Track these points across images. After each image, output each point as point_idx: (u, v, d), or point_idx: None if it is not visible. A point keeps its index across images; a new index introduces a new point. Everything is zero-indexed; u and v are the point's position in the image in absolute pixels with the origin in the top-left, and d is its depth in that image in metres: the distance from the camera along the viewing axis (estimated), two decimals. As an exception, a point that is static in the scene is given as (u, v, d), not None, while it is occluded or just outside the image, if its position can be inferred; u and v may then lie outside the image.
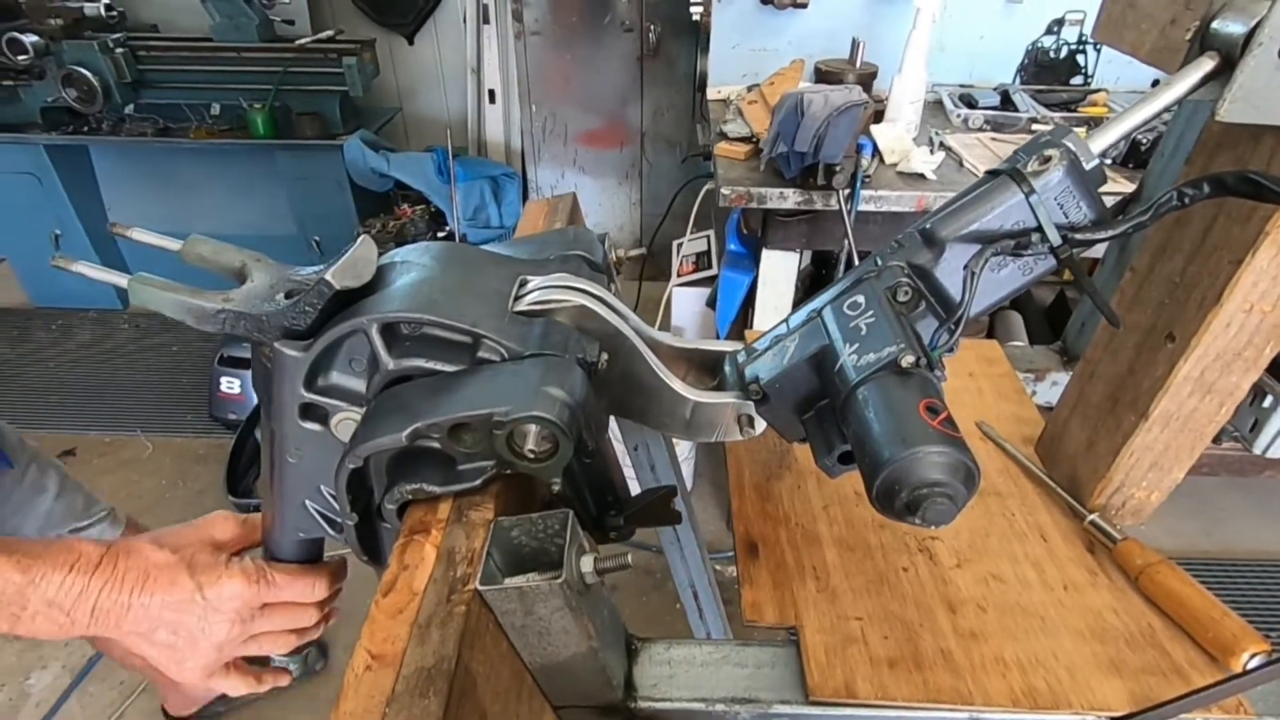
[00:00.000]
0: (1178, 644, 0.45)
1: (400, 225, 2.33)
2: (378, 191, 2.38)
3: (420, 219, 2.36)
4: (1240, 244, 0.41)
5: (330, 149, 2.27)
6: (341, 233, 2.42)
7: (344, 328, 0.39)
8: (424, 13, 2.51)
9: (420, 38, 2.58)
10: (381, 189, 2.37)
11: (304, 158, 2.32)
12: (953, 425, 0.35)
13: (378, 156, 2.27)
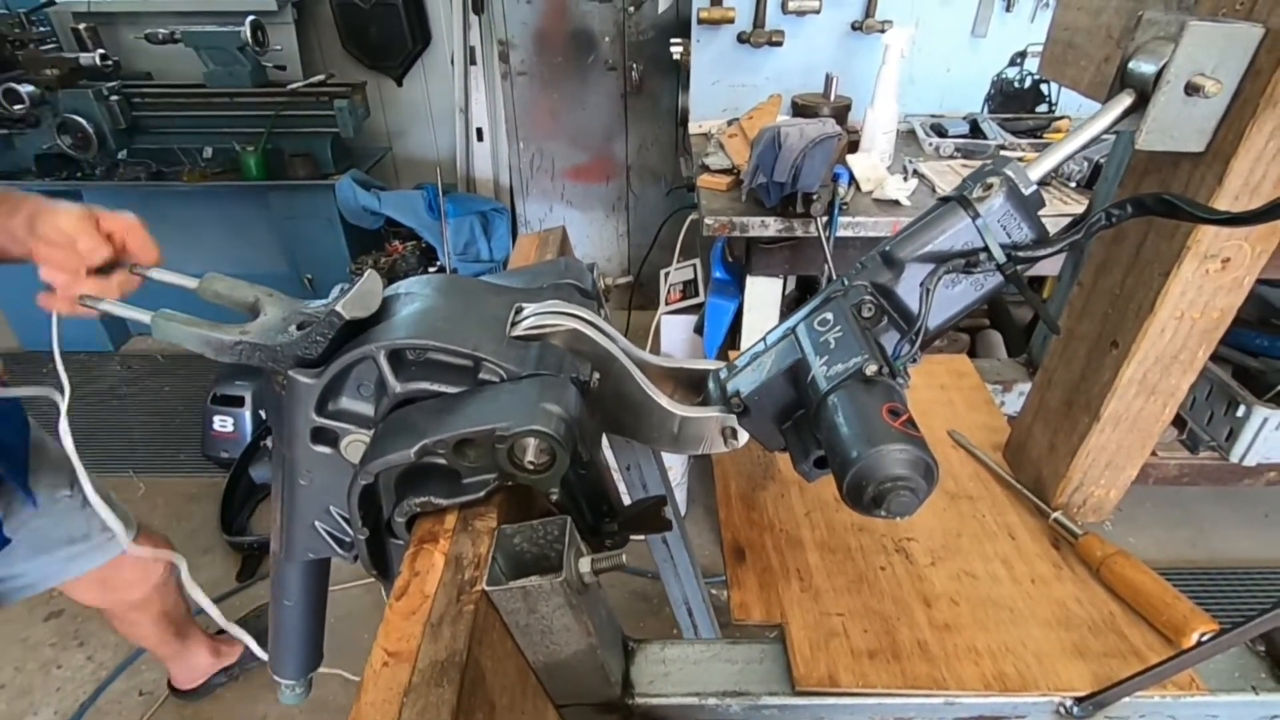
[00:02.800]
0: (1136, 628, 0.48)
1: (392, 261, 2.37)
2: (369, 229, 2.42)
3: (411, 255, 2.40)
4: (1167, 258, 0.45)
5: (322, 189, 2.32)
6: (333, 270, 2.46)
7: (354, 355, 0.43)
8: (412, 55, 2.58)
9: (409, 79, 2.65)
10: (373, 226, 2.41)
11: (296, 198, 2.36)
12: (913, 426, 0.38)
13: (369, 195, 2.32)
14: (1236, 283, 0.45)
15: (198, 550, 1.87)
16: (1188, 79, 0.40)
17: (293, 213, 2.40)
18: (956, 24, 2.02)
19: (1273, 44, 0.38)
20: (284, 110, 2.27)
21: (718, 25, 1.98)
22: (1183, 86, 0.40)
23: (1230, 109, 0.40)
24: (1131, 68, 0.42)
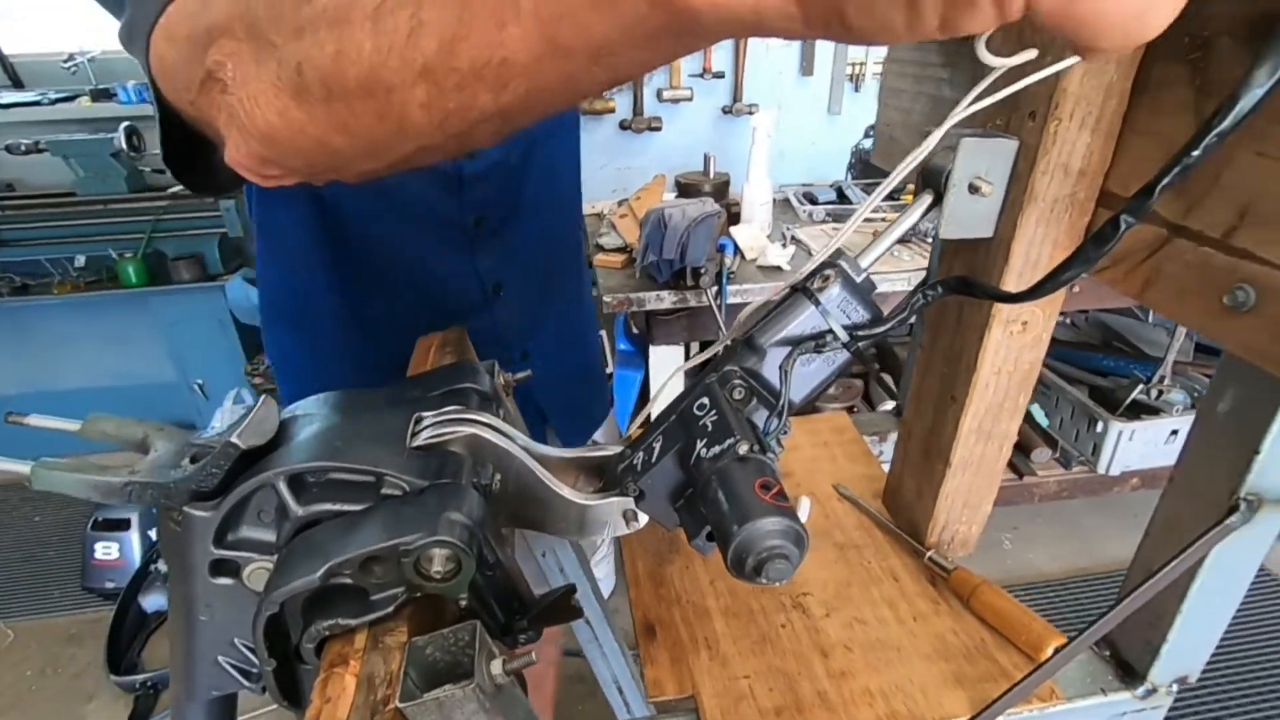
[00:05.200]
0: (1004, 652, 0.54)
1: (290, 359, 2.30)
2: (263, 328, 2.35)
3: (310, 350, 2.34)
4: (980, 323, 0.53)
5: (212, 290, 2.25)
6: (227, 373, 2.36)
7: (252, 484, 0.44)
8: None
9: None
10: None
11: (183, 302, 2.27)
12: (783, 497, 0.43)
13: (261, 294, 2.27)
14: (1037, 339, 0.54)
15: (80, 698, 1.68)
16: (968, 181, 0.48)
17: (179, 318, 2.30)
18: (814, 103, 2.24)
19: (1026, 153, 0.47)
20: (165, 214, 2.21)
21: (600, 115, 2.11)
22: (966, 187, 0.48)
23: (1005, 204, 0.49)
24: (929, 169, 0.51)
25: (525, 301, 0.87)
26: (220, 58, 0.36)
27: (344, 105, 0.33)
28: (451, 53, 0.28)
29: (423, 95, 0.30)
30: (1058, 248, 0.49)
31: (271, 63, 0.34)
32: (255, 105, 0.35)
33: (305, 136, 0.35)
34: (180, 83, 0.41)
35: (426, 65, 0.29)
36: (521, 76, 0.28)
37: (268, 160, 0.38)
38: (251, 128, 0.36)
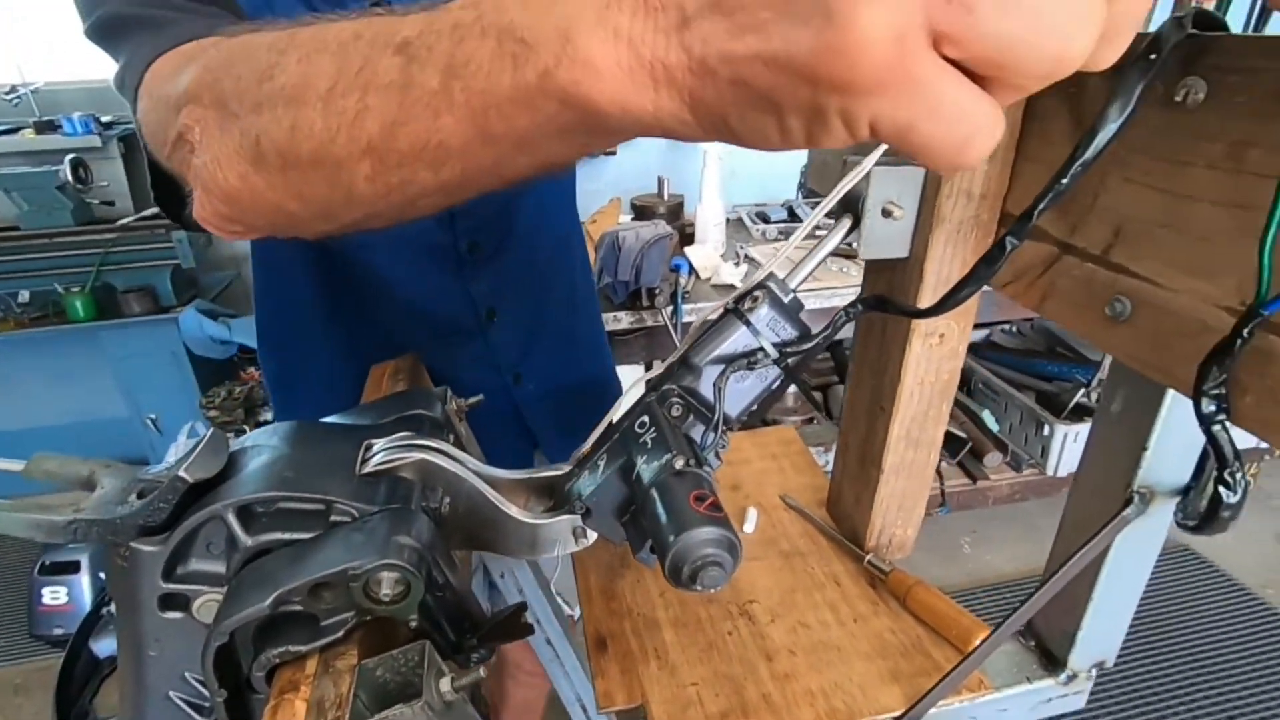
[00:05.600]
0: (938, 648, 0.57)
1: (248, 390, 2.27)
2: (220, 359, 2.32)
3: (268, 381, 2.31)
4: (902, 337, 0.56)
5: (164, 323, 2.21)
6: (181, 407, 2.31)
7: (200, 516, 0.44)
8: (254, 182, 2.56)
9: (252, 205, 2.62)
10: (224, 356, 2.31)
11: (133, 335, 2.22)
12: (717, 508, 0.45)
13: (217, 325, 2.23)
14: (954, 351, 0.57)
15: (28, 751, 1.62)
16: (881, 206, 0.52)
17: (130, 351, 2.25)
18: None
19: (932, 180, 0.51)
20: (114, 246, 2.17)
21: (555, 139, 2.13)
22: (879, 211, 0.52)
23: (916, 226, 0.53)
24: (846, 197, 0.55)
25: (519, 326, 0.88)
26: (189, 122, 0.39)
27: (298, 174, 0.36)
28: (393, 135, 0.32)
29: (368, 169, 0.34)
30: (966, 266, 0.52)
31: (235, 131, 0.37)
32: (219, 168, 0.39)
33: (264, 200, 0.39)
34: (157, 139, 0.45)
35: (371, 144, 0.32)
36: (456, 159, 0.32)
37: (231, 219, 0.42)
38: (215, 189, 0.39)
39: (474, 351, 0.86)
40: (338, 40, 0.33)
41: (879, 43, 0.19)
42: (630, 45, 0.25)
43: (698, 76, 0.24)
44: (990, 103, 0.22)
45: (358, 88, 0.31)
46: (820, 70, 0.21)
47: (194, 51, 0.45)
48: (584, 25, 0.25)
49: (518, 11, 0.27)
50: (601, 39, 0.25)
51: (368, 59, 0.31)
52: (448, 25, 0.29)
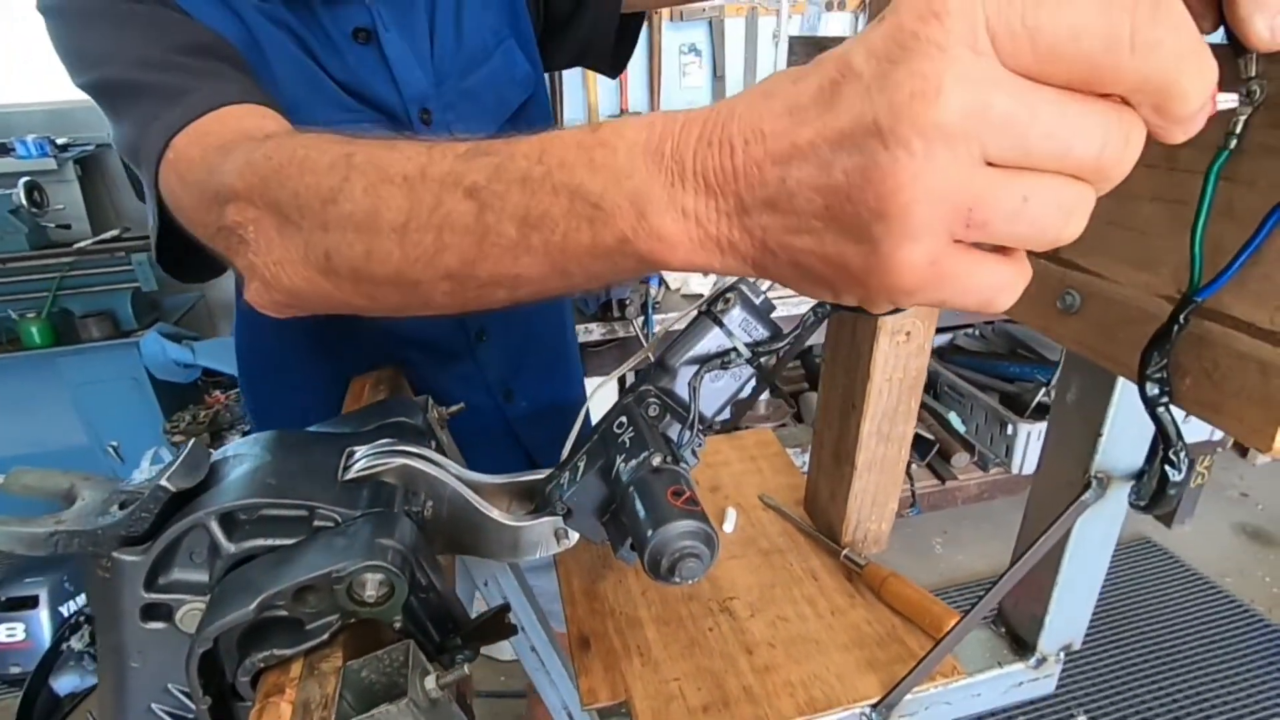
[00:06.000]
0: (913, 636, 0.59)
1: (213, 414, 2.22)
2: (183, 383, 2.27)
3: (235, 403, 2.27)
4: (870, 336, 0.59)
5: (124, 348, 2.16)
6: (144, 433, 2.25)
7: (182, 525, 0.44)
8: (219, 202, 2.52)
9: (217, 225, 2.58)
10: (187, 380, 2.26)
11: (93, 361, 2.17)
12: (694, 503, 0.47)
13: (180, 348, 2.19)
14: (920, 349, 0.60)
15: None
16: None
17: (89, 378, 2.19)
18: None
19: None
20: (71, 271, 2.12)
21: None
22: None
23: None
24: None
25: (509, 345, 0.88)
26: (240, 219, 0.41)
27: (371, 287, 0.39)
28: (472, 268, 0.34)
29: (447, 288, 0.36)
30: (926, 265, 0.55)
31: (298, 240, 0.39)
32: (281, 270, 0.41)
33: (331, 299, 0.42)
34: (193, 219, 0.47)
35: (450, 273, 0.35)
36: (533, 285, 0.34)
37: (290, 307, 0.44)
38: (277, 285, 0.42)
39: (464, 371, 0.87)
40: (402, 174, 0.34)
41: (917, 266, 0.23)
42: (698, 223, 0.27)
43: (760, 253, 0.27)
44: (1012, 267, 0.24)
45: (433, 227, 0.33)
46: (869, 280, 0.24)
47: (230, 142, 0.46)
48: (655, 204, 0.27)
49: (586, 175, 0.29)
50: (673, 217, 0.27)
51: (439, 199, 0.33)
52: (516, 177, 0.31)
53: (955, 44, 0.20)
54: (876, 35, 0.22)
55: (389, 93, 0.67)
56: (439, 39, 0.69)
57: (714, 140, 0.26)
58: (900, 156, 0.21)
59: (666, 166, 0.27)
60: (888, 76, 0.21)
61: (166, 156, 0.48)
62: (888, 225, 0.22)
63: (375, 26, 0.66)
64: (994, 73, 0.20)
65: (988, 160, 0.21)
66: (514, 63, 0.75)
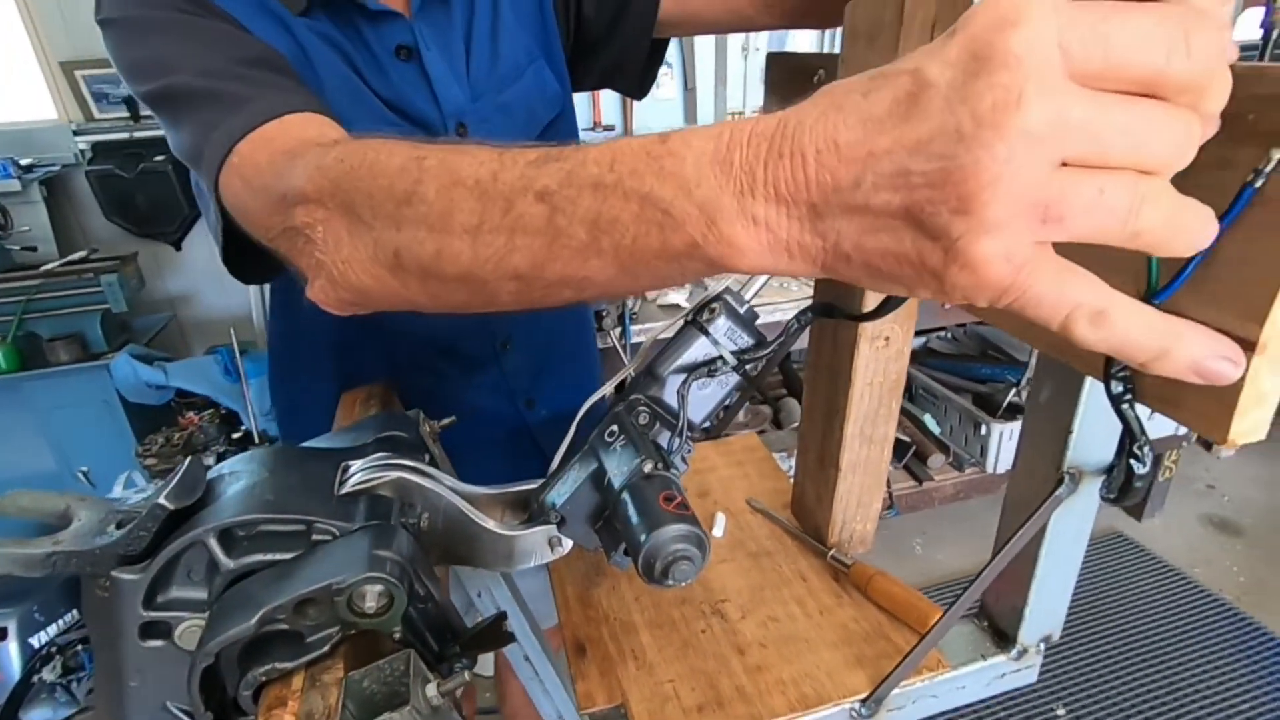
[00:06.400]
0: (899, 632, 0.60)
1: (187, 435, 2.19)
2: (156, 405, 2.23)
3: (210, 425, 2.23)
4: (851, 342, 0.61)
5: (95, 370, 2.12)
6: (115, 457, 2.20)
7: (181, 543, 0.45)
8: (189, 219, 2.49)
9: (188, 242, 2.54)
10: (160, 402, 2.22)
11: (61, 385, 2.12)
12: (685, 507, 0.48)
13: (152, 369, 2.15)
14: (899, 353, 0.62)
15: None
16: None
17: (58, 402, 2.15)
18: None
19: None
20: (38, 294, 2.08)
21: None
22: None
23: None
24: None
25: (532, 353, 0.89)
26: (309, 220, 0.42)
27: (439, 284, 0.40)
28: (542, 269, 0.35)
29: (513, 289, 0.37)
30: (902, 273, 0.57)
31: (368, 239, 0.40)
32: (349, 268, 0.42)
33: (397, 296, 0.43)
34: (257, 220, 0.48)
35: (519, 273, 0.36)
36: (599, 287, 0.35)
37: (354, 305, 0.45)
38: (344, 283, 0.43)
39: (488, 378, 0.88)
40: (474, 178, 0.35)
41: (995, 260, 0.23)
42: (769, 230, 0.28)
43: (831, 255, 0.27)
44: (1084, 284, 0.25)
45: (505, 229, 0.34)
46: (946, 274, 0.24)
47: (296, 148, 0.48)
48: (726, 213, 0.28)
49: (655, 182, 0.30)
50: (744, 226, 0.28)
51: (510, 203, 0.34)
52: (588, 182, 0.32)
53: (1032, 54, 0.21)
54: (951, 48, 0.23)
55: (429, 107, 0.70)
56: (475, 57, 0.73)
57: (785, 152, 0.26)
58: (983, 158, 0.22)
59: (735, 177, 0.28)
60: (967, 87, 0.22)
61: (230, 161, 0.50)
62: (969, 221, 0.23)
63: (417, 45, 0.69)
64: (1067, 82, 0.22)
65: (1064, 161, 0.22)
66: (544, 81, 0.78)
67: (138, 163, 2.29)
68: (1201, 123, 0.24)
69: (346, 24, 0.66)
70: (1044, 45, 0.21)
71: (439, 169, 0.37)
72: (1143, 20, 0.22)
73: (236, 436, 2.24)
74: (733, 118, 2.35)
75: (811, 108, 0.27)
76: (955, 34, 0.23)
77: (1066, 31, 0.22)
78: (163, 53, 0.56)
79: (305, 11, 0.64)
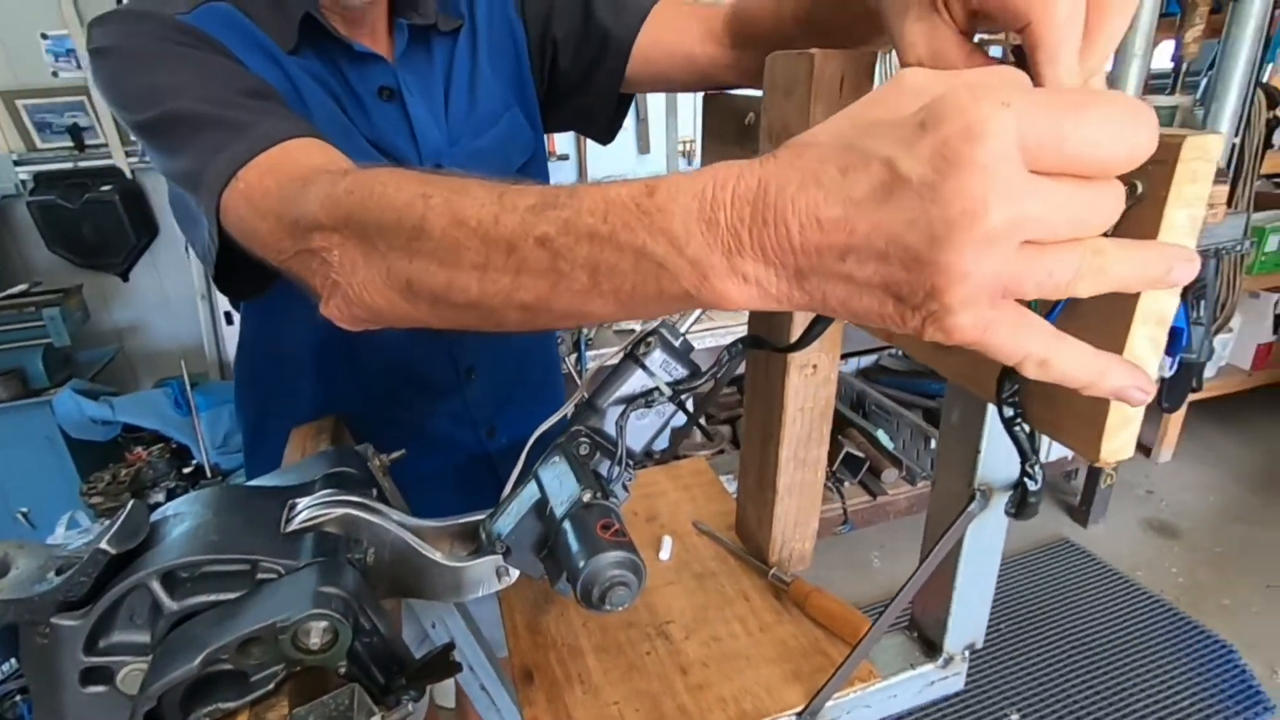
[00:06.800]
0: (835, 647, 0.63)
1: (135, 472, 2.13)
2: (102, 441, 2.17)
3: (159, 460, 2.17)
4: (781, 370, 0.64)
5: (36, 407, 2.05)
6: (58, 496, 2.13)
7: (123, 587, 0.45)
8: (138, 249, 2.45)
9: (136, 273, 2.49)
10: (106, 438, 2.16)
11: (1, 423, 2.06)
12: (622, 534, 0.50)
13: (98, 405, 2.10)
14: (827, 379, 0.66)
15: None
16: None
17: (-3, 440, 2.08)
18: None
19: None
20: (-24, 328, 2.01)
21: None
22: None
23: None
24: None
25: (496, 382, 0.91)
26: (326, 244, 0.45)
27: (449, 310, 0.42)
28: (548, 305, 0.37)
29: (520, 317, 0.40)
30: (825, 305, 0.61)
31: (381, 265, 0.43)
32: (364, 290, 0.45)
33: (408, 317, 0.45)
34: (266, 243, 0.51)
35: (525, 305, 0.38)
36: (604, 318, 0.38)
37: (367, 322, 0.48)
38: (359, 303, 0.46)
39: (451, 407, 0.89)
40: (476, 218, 0.37)
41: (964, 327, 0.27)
42: (759, 285, 0.30)
43: (819, 306, 0.30)
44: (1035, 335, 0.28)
45: (510, 270, 0.37)
46: (922, 333, 0.28)
47: (305, 175, 0.50)
48: (717, 270, 0.30)
49: (647, 237, 0.31)
50: (734, 282, 0.30)
51: (513, 246, 0.36)
52: (584, 232, 0.33)
53: (996, 162, 0.24)
54: (923, 146, 0.25)
55: (408, 147, 0.74)
56: (453, 103, 0.77)
57: (769, 220, 0.28)
58: (954, 260, 0.25)
59: (722, 238, 0.30)
60: (939, 188, 0.25)
61: (235, 186, 0.52)
62: (941, 301, 0.26)
63: (399, 87, 0.72)
64: (1026, 181, 0.25)
65: (1021, 242, 0.26)
66: (519, 128, 0.82)
67: (82, 193, 2.25)
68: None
69: (332, 64, 0.70)
70: (1007, 155, 0.25)
71: (443, 208, 0.39)
72: (1092, 119, 0.25)
73: (187, 471, 2.19)
74: (684, 145, 2.41)
75: (790, 172, 0.29)
76: (925, 128, 0.26)
77: (1026, 130, 0.25)
78: (163, 81, 0.58)
79: (295, 50, 0.67)
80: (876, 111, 0.28)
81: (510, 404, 0.95)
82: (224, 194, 0.52)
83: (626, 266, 0.33)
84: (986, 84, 0.26)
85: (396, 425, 0.87)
